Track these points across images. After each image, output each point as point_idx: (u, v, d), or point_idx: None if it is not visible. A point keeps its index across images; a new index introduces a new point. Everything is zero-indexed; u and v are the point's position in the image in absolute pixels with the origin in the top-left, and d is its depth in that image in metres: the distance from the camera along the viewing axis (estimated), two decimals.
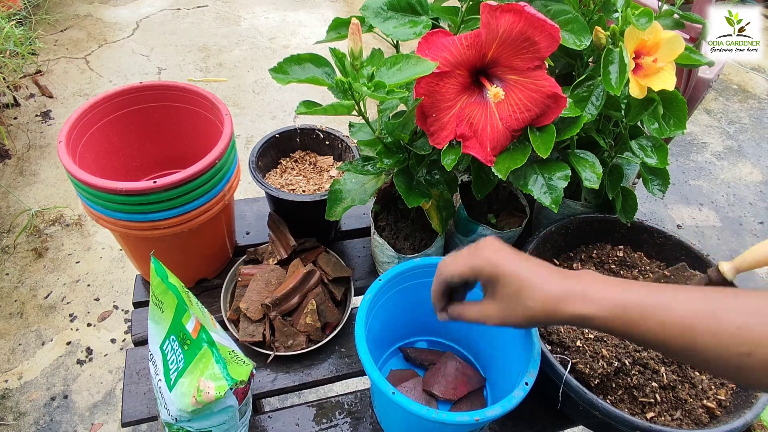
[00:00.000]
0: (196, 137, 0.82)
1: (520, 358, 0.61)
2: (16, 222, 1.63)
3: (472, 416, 0.52)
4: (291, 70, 0.56)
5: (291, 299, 0.74)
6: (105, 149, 0.77)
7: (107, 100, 0.75)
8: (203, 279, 0.83)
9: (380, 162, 0.65)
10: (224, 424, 0.58)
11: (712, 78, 0.91)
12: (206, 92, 0.77)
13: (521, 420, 0.71)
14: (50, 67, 2.27)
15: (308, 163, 0.90)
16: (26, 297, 1.46)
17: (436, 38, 0.56)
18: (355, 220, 0.96)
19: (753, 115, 2.43)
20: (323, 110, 0.53)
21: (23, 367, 1.31)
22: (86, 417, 1.23)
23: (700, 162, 2.16)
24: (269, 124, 2.11)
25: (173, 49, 2.46)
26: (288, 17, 2.80)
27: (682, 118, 0.66)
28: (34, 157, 1.87)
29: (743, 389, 0.63)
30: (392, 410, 0.63)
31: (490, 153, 0.61)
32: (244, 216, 0.94)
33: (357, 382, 1.19)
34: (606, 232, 0.80)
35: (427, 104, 0.59)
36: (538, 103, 0.60)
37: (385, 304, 0.67)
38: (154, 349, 0.60)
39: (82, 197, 0.67)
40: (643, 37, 0.61)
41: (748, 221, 1.92)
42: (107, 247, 1.60)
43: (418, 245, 0.78)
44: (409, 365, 0.75)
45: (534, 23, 0.54)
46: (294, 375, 0.74)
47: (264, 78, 2.34)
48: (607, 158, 0.73)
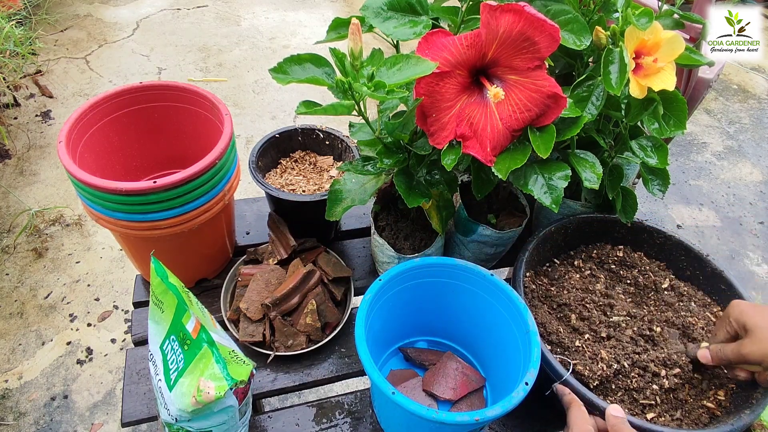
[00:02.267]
0: (196, 137, 0.82)
1: (520, 358, 0.61)
2: (16, 222, 1.63)
3: (472, 416, 0.52)
4: (291, 70, 0.56)
5: (291, 299, 0.74)
6: (105, 149, 0.77)
7: (107, 100, 0.75)
8: (203, 279, 0.83)
9: (380, 162, 0.65)
10: (224, 424, 0.58)
11: (712, 78, 0.91)
12: (206, 92, 0.77)
13: (521, 420, 0.71)
14: (50, 67, 2.27)
15: (308, 163, 0.90)
16: (26, 297, 1.46)
17: (436, 38, 0.56)
18: (355, 220, 0.96)
19: (753, 115, 2.43)
20: (323, 110, 0.53)
21: (23, 367, 1.31)
22: (86, 417, 1.23)
23: (700, 162, 2.16)
24: (269, 124, 2.11)
25: (173, 49, 2.46)
26: (288, 17, 2.80)
27: (682, 118, 0.66)
28: (34, 157, 1.87)
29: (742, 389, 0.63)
30: (392, 410, 0.63)
31: (490, 153, 0.61)
32: (244, 216, 0.94)
33: (357, 382, 1.19)
34: (606, 232, 0.80)
35: (427, 104, 0.59)
36: (538, 103, 0.60)
37: (385, 304, 0.67)
38: (154, 349, 0.60)
39: (82, 197, 0.67)
40: (644, 37, 0.61)
41: (748, 221, 1.92)
42: (107, 247, 1.60)
43: (418, 245, 0.78)
44: (409, 365, 0.75)
45: (534, 23, 0.54)
46: (294, 375, 0.74)
47: (264, 78, 2.34)
48: (607, 158, 0.73)
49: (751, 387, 0.62)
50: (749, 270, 1.74)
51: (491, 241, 0.78)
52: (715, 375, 0.65)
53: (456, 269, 0.67)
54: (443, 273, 0.68)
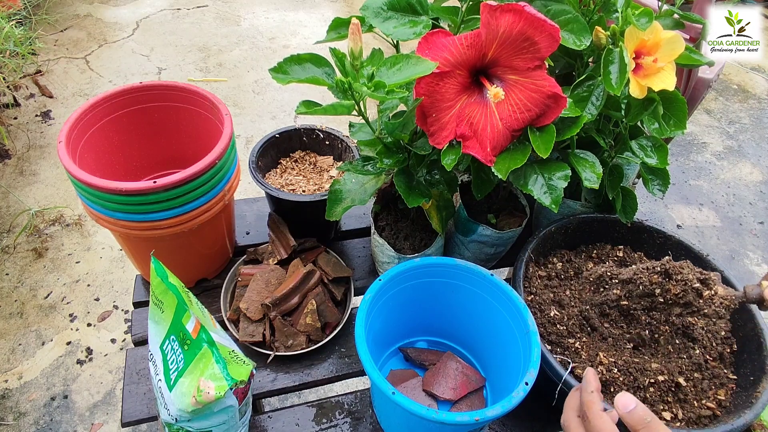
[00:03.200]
0: (196, 137, 0.82)
1: (520, 358, 0.61)
2: (16, 222, 1.63)
3: (472, 416, 0.52)
4: (291, 70, 0.56)
5: (291, 299, 0.74)
6: (105, 149, 0.77)
7: (107, 100, 0.75)
8: (203, 279, 0.83)
9: (380, 162, 0.65)
10: (224, 424, 0.58)
11: (712, 78, 0.91)
12: (206, 92, 0.77)
13: (521, 420, 0.71)
14: (50, 67, 2.27)
15: (308, 163, 0.90)
16: (26, 297, 1.46)
17: (436, 38, 0.56)
18: (355, 220, 0.96)
19: (753, 115, 2.43)
20: (323, 110, 0.53)
21: (23, 367, 1.31)
22: (86, 417, 1.23)
23: (700, 162, 2.16)
24: (269, 124, 2.11)
25: (173, 49, 2.46)
26: (288, 17, 2.80)
27: (682, 118, 0.66)
28: (34, 157, 1.87)
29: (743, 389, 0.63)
30: (392, 410, 0.63)
31: (490, 153, 0.61)
32: (244, 216, 0.94)
33: (357, 382, 1.19)
34: (606, 232, 0.80)
35: (427, 104, 0.59)
36: (538, 103, 0.60)
37: (385, 304, 0.67)
38: (154, 349, 0.60)
39: (82, 197, 0.67)
40: (644, 37, 0.61)
41: (748, 221, 1.92)
42: (107, 247, 1.60)
43: (418, 245, 0.78)
44: (409, 365, 0.75)
45: (534, 23, 0.54)
46: (294, 375, 0.74)
47: (264, 78, 2.34)
48: (607, 158, 0.73)
49: (751, 387, 0.62)
50: (749, 270, 1.74)
51: (491, 241, 0.78)
52: (715, 375, 0.65)
53: (456, 269, 0.67)
54: (443, 273, 0.68)
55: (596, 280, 0.69)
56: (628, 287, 0.65)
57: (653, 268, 0.63)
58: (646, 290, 0.64)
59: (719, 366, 0.65)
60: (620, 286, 0.66)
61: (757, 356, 0.64)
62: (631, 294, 0.65)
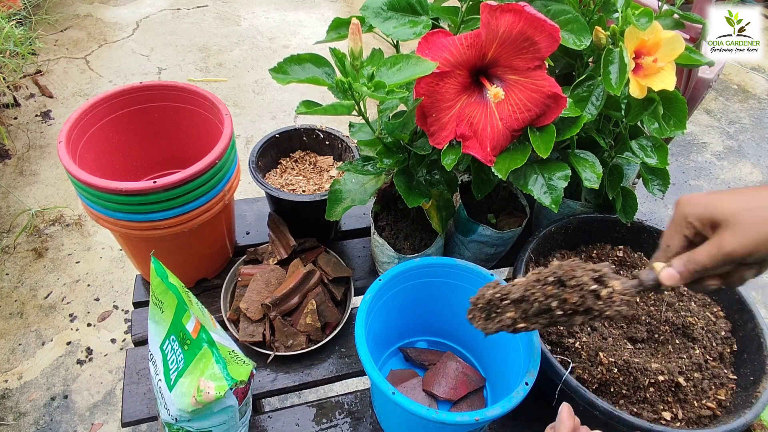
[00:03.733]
0: (196, 137, 0.82)
1: (520, 358, 0.61)
2: (16, 222, 1.63)
3: (472, 416, 0.52)
4: (291, 70, 0.56)
5: (291, 299, 0.74)
6: (105, 149, 0.77)
7: (107, 100, 0.75)
8: (203, 279, 0.83)
9: (380, 162, 0.65)
10: (224, 424, 0.58)
11: (712, 78, 0.91)
12: (206, 92, 0.77)
13: (521, 420, 0.71)
14: (50, 67, 2.27)
15: (308, 163, 0.90)
16: (26, 297, 1.46)
17: (436, 38, 0.56)
18: (355, 220, 0.96)
19: (753, 115, 2.43)
20: (323, 110, 0.53)
21: (23, 367, 1.31)
22: (86, 417, 1.23)
23: (700, 162, 2.16)
24: (269, 124, 2.11)
25: (173, 49, 2.46)
26: (288, 17, 2.80)
27: (682, 118, 0.66)
28: (34, 157, 1.87)
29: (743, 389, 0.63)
30: (392, 410, 0.63)
31: (490, 153, 0.61)
32: (244, 216, 0.94)
33: (357, 382, 1.19)
34: (606, 232, 0.80)
35: (427, 104, 0.59)
36: (538, 103, 0.60)
37: (385, 304, 0.67)
38: (154, 349, 0.60)
39: (82, 197, 0.67)
40: (643, 37, 0.61)
41: None
42: (107, 247, 1.60)
43: (418, 245, 0.78)
44: (409, 365, 0.75)
45: (534, 23, 0.54)
46: (294, 375, 0.74)
47: (264, 78, 2.34)
48: (607, 158, 0.73)
49: (751, 387, 0.62)
50: None
51: (491, 241, 0.78)
52: (715, 375, 0.65)
53: (456, 269, 0.67)
54: (443, 273, 0.68)
55: (486, 305, 0.55)
56: (521, 307, 0.53)
57: (545, 279, 0.52)
58: (542, 306, 0.51)
59: (719, 366, 0.65)
60: (513, 307, 0.54)
61: (757, 356, 0.64)
62: (527, 314, 0.52)
